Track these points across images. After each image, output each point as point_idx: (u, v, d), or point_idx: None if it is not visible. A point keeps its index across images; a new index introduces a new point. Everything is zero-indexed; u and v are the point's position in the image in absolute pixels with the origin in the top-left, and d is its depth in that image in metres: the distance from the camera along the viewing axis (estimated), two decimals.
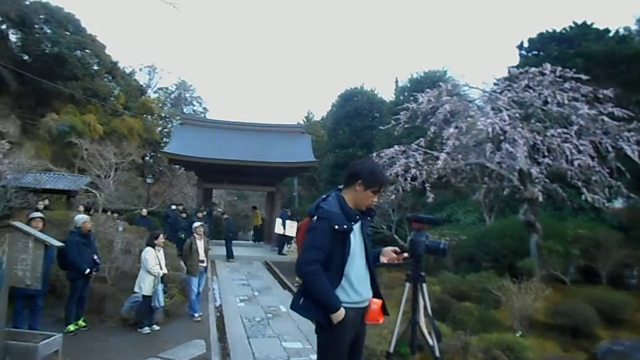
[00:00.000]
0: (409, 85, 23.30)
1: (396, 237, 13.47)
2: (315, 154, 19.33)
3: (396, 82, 26.75)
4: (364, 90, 27.38)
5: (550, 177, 9.29)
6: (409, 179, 9.94)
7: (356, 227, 2.66)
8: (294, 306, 2.64)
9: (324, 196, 2.75)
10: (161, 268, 7.03)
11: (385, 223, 14.07)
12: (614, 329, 7.11)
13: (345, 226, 2.55)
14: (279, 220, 15.22)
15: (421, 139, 9.99)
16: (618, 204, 11.82)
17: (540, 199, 8.91)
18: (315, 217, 2.60)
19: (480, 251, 10.62)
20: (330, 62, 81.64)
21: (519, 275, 8.14)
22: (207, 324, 7.30)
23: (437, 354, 2.76)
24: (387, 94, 28.00)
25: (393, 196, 10.64)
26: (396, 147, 10.66)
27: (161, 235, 7.39)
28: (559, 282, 8.90)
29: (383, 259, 2.79)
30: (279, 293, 10.21)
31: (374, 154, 11.26)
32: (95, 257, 6.72)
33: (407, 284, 2.87)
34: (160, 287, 6.94)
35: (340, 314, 2.50)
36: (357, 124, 25.65)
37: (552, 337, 6.88)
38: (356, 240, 2.66)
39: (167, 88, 37.25)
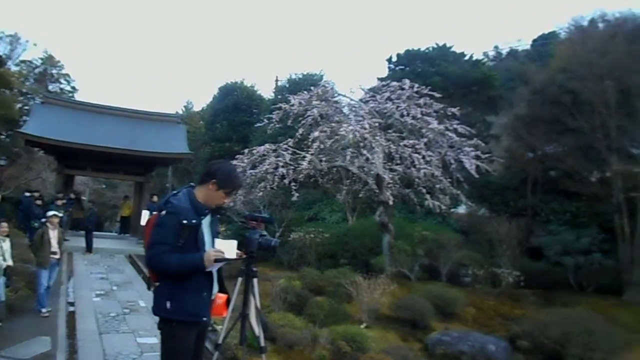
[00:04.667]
0: (287, 85, 23.70)
1: (265, 233, 13.71)
2: (192, 146, 18.82)
3: (276, 80, 26.94)
4: (244, 85, 27.18)
5: (404, 183, 10.16)
6: (277, 177, 10.17)
7: (205, 223, 2.75)
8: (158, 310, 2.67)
9: (175, 192, 2.82)
10: (5, 259, 6.45)
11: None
12: (447, 321, 7.92)
13: (194, 220, 2.63)
14: (146, 212, 14.38)
15: (290, 139, 10.27)
16: (462, 209, 13.28)
17: (391, 202, 9.69)
18: (163, 212, 2.65)
19: (341, 248, 11.24)
20: (214, 53, 79.76)
21: (373, 271, 8.81)
22: (56, 320, 6.81)
23: (262, 344, 2.94)
24: (267, 92, 28.09)
25: (261, 193, 10.79)
26: (267, 145, 10.84)
27: (4, 224, 6.76)
28: (405, 278, 9.74)
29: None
30: (140, 288, 9.77)
31: (246, 151, 11.32)
32: None
33: (240, 279, 3.00)
34: (1, 280, 6.36)
35: (209, 255, 2.58)
36: (236, 119, 25.40)
37: (394, 328, 7.47)
38: (206, 235, 2.74)
39: (31, 61, 33.24)
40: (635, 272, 9.82)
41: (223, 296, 2.81)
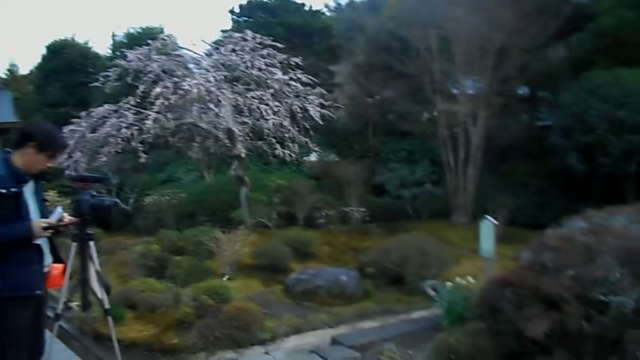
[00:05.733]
0: (125, 41, 21.94)
1: (118, 200, 12.99)
2: (22, 113, 16.64)
3: (113, 36, 24.69)
4: (76, 42, 24.41)
5: (256, 135, 10.32)
6: (121, 139, 9.57)
7: (28, 190, 2.54)
8: None
9: None
10: None
11: (105, 187, 13.34)
12: (304, 262, 8.42)
13: (13, 189, 2.42)
14: None
15: (130, 97, 9.67)
16: (313, 157, 13.98)
17: (244, 155, 9.82)
18: None
19: (200, 207, 11.17)
20: (38, 7, 69.42)
21: (233, 225, 8.96)
22: None
23: (107, 306, 2.92)
24: (104, 49, 25.68)
25: (105, 158, 10.09)
26: (107, 105, 10.07)
27: None
28: (265, 227, 10.09)
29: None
30: None
31: (84, 113, 10.41)
32: None
33: (74, 244, 2.90)
34: None
35: (37, 224, 2.44)
36: (70, 80, 22.84)
37: (256, 276, 7.73)
38: (30, 204, 2.54)
39: None
40: (459, 197, 11.44)
41: (59, 266, 2.68)
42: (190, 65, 9.94)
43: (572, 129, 10.18)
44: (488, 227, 6.07)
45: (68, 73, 23.09)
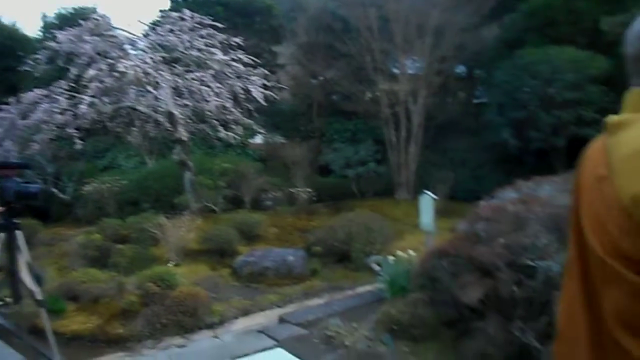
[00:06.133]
0: (56, 22, 20.71)
1: (55, 190, 12.41)
2: None
3: (43, 17, 23.19)
4: (2, 24, 22.76)
5: (198, 118, 10.11)
6: (54, 125, 9.12)
7: None
8: None
9: None
10: None
11: (40, 176, 12.70)
12: (252, 244, 8.43)
13: None
14: None
15: (62, 81, 9.20)
16: (259, 139, 13.86)
17: (186, 139, 9.61)
18: None
19: (143, 193, 10.86)
20: None
21: (178, 211, 8.80)
22: None
23: (39, 297, 2.83)
24: (34, 31, 24.13)
25: (38, 146, 9.59)
26: (37, 90, 9.53)
27: None
28: (211, 212, 9.98)
29: None
30: None
31: (13, 99, 9.83)
32: None
33: (0, 235, 2.78)
34: None
35: None
36: None
37: (203, 261, 7.69)
38: None
39: None
40: (402, 175, 11.76)
41: None
42: (126, 47, 9.53)
43: (506, 106, 10.65)
44: (427, 201, 6.31)
45: None
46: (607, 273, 1.07)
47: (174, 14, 9.87)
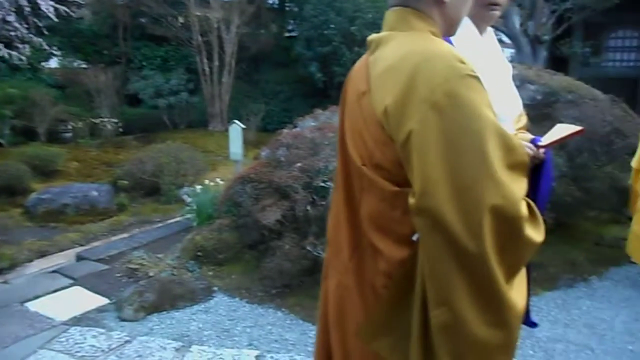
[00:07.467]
0: None
1: None
2: None
3: None
4: None
5: None
6: None
7: None
8: None
9: None
10: None
11: None
12: (49, 180, 7.68)
13: None
14: None
15: None
16: (55, 63, 12.18)
17: None
18: None
19: None
20: None
21: None
22: None
23: None
24: None
25: None
26: None
27: None
28: None
29: None
30: None
31: None
32: None
33: None
34: None
35: None
36: None
37: None
38: None
39: None
40: (216, 106, 11.67)
41: None
42: None
43: (313, 40, 11.17)
44: (236, 131, 6.48)
45: None
46: (364, 181, 1.25)
47: None
